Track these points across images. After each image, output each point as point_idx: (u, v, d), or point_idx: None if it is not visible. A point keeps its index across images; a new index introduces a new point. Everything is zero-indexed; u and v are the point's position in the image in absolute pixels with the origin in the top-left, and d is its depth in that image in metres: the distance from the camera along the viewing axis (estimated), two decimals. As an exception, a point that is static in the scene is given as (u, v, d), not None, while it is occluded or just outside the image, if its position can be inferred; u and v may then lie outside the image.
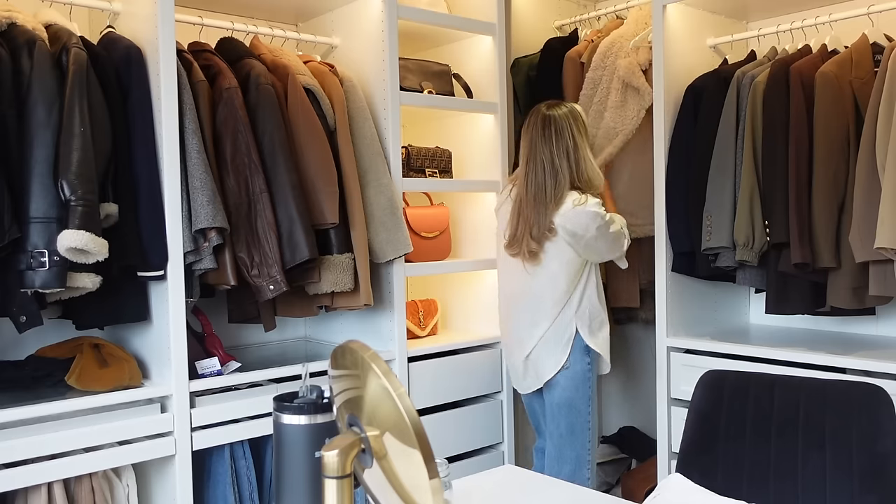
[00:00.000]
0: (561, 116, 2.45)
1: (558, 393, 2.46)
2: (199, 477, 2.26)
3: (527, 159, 2.47)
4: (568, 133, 2.43)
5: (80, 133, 1.89)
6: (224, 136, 2.23)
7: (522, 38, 3.19)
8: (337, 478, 0.87)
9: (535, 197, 2.43)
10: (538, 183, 2.42)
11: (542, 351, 2.47)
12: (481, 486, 1.53)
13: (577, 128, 2.46)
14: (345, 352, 0.91)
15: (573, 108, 2.49)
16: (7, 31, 1.93)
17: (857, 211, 2.20)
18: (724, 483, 1.56)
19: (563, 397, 2.46)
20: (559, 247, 2.42)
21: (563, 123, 2.44)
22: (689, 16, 2.71)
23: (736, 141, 2.50)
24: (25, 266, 1.84)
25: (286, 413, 1.06)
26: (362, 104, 2.54)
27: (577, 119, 2.47)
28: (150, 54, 2.13)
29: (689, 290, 2.71)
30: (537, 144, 2.44)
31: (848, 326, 2.70)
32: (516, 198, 2.50)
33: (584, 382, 2.46)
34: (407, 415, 0.78)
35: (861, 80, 2.28)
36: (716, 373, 1.68)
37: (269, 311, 2.43)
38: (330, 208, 2.34)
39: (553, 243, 2.43)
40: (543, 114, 2.47)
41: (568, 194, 2.41)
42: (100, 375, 2.06)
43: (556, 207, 2.40)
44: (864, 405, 1.50)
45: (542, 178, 2.42)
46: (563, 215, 2.39)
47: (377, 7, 2.60)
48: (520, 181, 2.49)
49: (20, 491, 1.93)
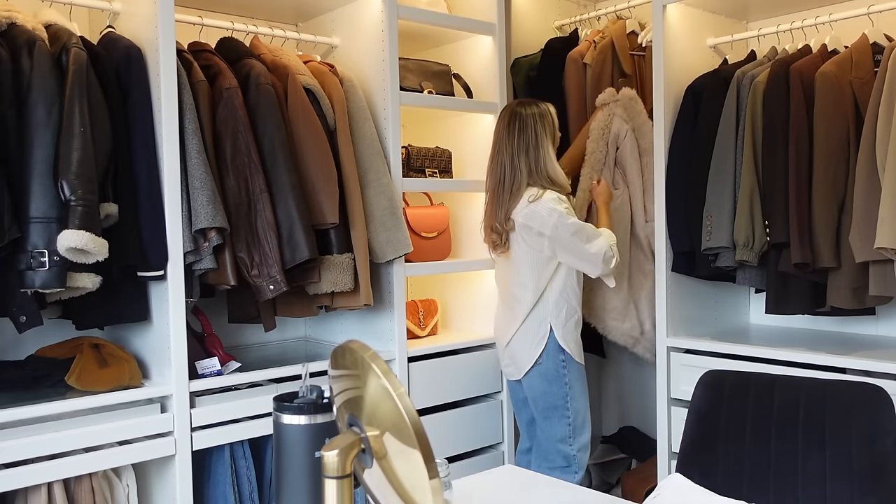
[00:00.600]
0: (528, 114, 2.47)
1: (534, 387, 2.51)
2: (199, 477, 2.25)
3: (491, 154, 2.54)
4: (531, 130, 2.45)
5: (80, 133, 1.89)
6: (224, 136, 2.23)
7: (522, 38, 3.19)
8: (337, 478, 0.87)
9: (495, 190, 2.49)
10: (497, 177, 2.49)
11: (519, 344, 2.52)
12: (481, 486, 1.53)
13: (543, 126, 2.46)
14: (345, 352, 0.91)
15: (543, 109, 2.50)
16: (7, 31, 1.93)
17: (857, 211, 2.20)
18: (724, 483, 1.56)
19: (538, 392, 2.50)
20: (520, 241, 2.48)
21: (529, 120, 2.46)
22: (689, 16, 2.71)
23: (736, 141, 2.50)
24: (25, 266, 1.84)
25: (286, 413, 1.06)
26: (362, 104, 2.54)
27: (543, 118, 2.48)
28: (150, 54, 2.13)
29: (689, 290, 2.71)
30: (502, 139, 2.50)
31: (848, 326, 2.70)
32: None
33: (559, 379, 2.47)
34: (407, 415, 0.78)
35: (861, 80, 2.28)
36: (716, 373, 1.68)
37: (269, 311, 2.43)
38: (330, 208, 2.34)
39: (515, 238, 2.49)
40: (512, 110, 2.51)
41: (526, 190, 2.44)
42: (100, 375, 2.06)
43: (513, 202, 2.45)
44: (864, 405, 1.50)
45: (500, 172, 2.48)
46: (519, 211, 2.44)
47: (377, 7, 2.60)
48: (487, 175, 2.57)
49: (20, 491, 1.93)
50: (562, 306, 2.48)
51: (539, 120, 2.47)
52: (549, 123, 2.49)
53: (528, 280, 2.48)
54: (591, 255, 2.40)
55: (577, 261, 2.44)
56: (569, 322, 2.49)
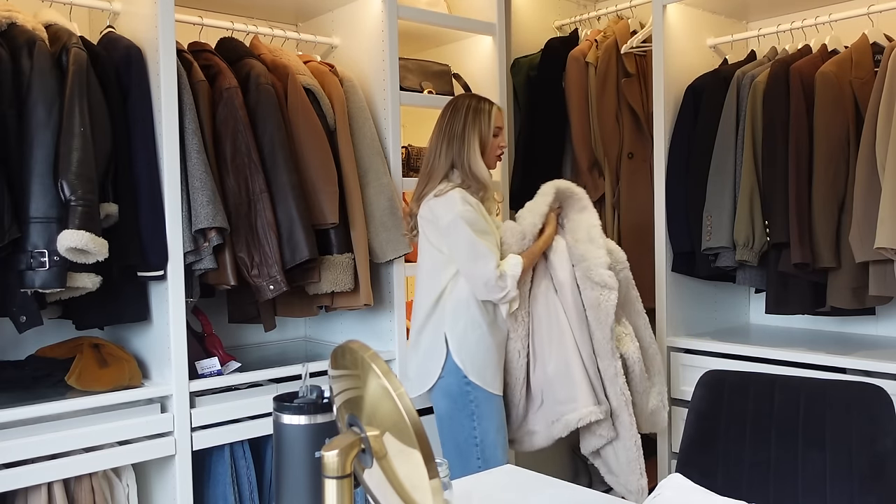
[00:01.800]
0: (462, 105, 2.27)
1: (438, 405, 2.21)
2: (199, 477, 2.25)
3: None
4: (460, 121, 2.25)
5: (80, 133, 1.89)
6: (224, 136, 2.23)
7: (522, 38, 3.19)
8: (337, 478, 0.87)
9: (420, 174, 2.30)
10: (424, 162, 2.31)
11: (421, 356, 2.24)
12: (481, 486, 1.53)
13: (473, 120, 2.25)
14: (345, 352, 0.91)
15: (482, 105, 2.27)
16: (7, 31, 1.93)
17: (857, 211, 2.20)
18: (724, 483, 1.56)
19: (442, 410, 2.20)
20: (423, 235, 2.26)
21: (461, 111, 2.26)
22: (689, 16, 2.71)
23: (736, 141, 2.50)
24: (25, 266, 1.84)
25: (286, 413, 1.06)
26: (362, 104, 2.54)
27: (478, 113, 2.25)
28: (150, 54, 2.13)
29: (689, 290, 2.71)
30: (436, 125, 2.31)
31: (848, 326, 2.70)
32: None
33: (462, 397, 2.15)
34: (407, 415, 0.78)
35: (861, 80, 2.28)
36: (716, 373, 1.68)
37: (269, 311, 2.43)
38: (330, 208, 2.34)
39: (420, 235, 2.28)
40: (453, 99, 2.34)
41: (440, 182, 2.21)
42: (100, 375, 2.06)
43: (427, 190, 2.23)
44: (864, 405, 1.50)
45: (426, 157, 2.29)
46: (425, 202, 2.22)
47: (377, 7, 2.60)
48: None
49: (20, 491, 1.93)
50: (460, 316, 2.15)
51: (471, 113, 2.25)
52: (482, 121, 2.25)
53: (425, 280, 2.23)
54: (472, 274, 2.13)
55: (463, 274, 2.16)
56: (468, 337, 2.14)
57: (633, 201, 2.92)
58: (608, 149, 2.94)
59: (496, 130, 2.29)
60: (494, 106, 2.31)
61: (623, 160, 2.95)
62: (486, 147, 2.27)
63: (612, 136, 2.95)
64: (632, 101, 2.94)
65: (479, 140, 2.26)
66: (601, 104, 2.94)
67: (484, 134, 2.27)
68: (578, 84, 2.95)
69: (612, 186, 2.96)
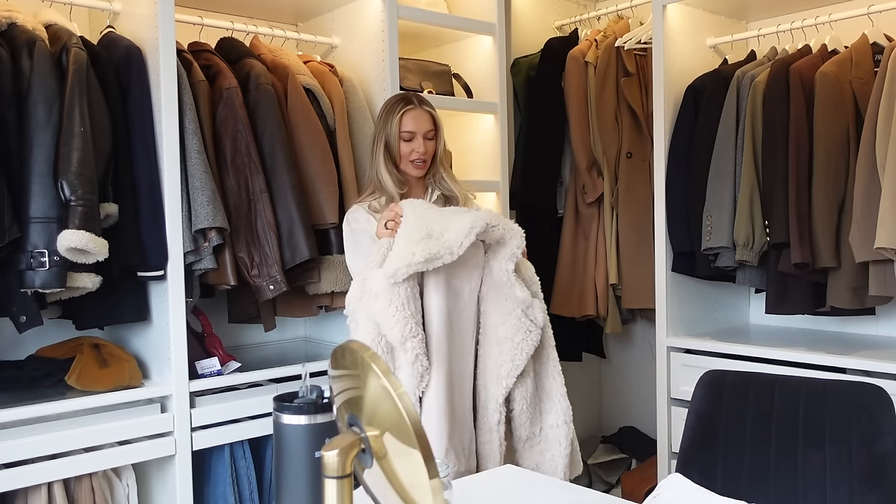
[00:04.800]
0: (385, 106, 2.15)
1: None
2: (199, 477, 2.25)
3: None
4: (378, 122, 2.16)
5: (80, 133, 1.89)
6: (224, 136, 2.24)
7: (522, 38, 3.19)
8: (337, 478, 0.87)
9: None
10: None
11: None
12: (481, 486, 1.53)
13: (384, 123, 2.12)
14: (345, 352, 0.91)
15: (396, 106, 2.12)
16: (7, 31, 1.93)
17: (857, 211, 2.20)
18: (724, 483, 1.56)
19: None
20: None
21: (382, 112, 2.14)
22: (689, 16, 2.71)
23: (736, 141, 2.50)
24: (25, 266, 1.84)
25: (286, 413, 1.06)
26: (362, 104, 2.54)
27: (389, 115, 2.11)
28: (150, 54, 2.13)
29: (689, 290, 2.71)
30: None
31: (848, 326, 2.70)
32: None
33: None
34: (407, 415, 0.78)
35: (861, 80, 2.28)
36: (716, 373, 1.68)
37: (269, 311, 2.43)
38: (330, 208, 2.35)
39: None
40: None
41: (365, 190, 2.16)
42: (100, 375, 2.06)
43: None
44: (864, 405, 1.50)
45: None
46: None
47: (377, 7, 2.60)
48: None
49: (20, 491, 1.93)
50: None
51: (383, 115, 2.13)
52: (390, 123, 2.10)
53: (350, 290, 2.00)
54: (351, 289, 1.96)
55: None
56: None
57: (631, 201, 2.92)
58: (607, 148, 2.94)
59: (407, 135, 2.09)
60: (410, 108, 2.10)
61: (622, 160, 2.95)
62: (392, 152, 2.10)
63: (611, 136, 2.95)
64: (631, 100, 2.94)
65: (385, 144, 2.11)
66: (600, 104, 2.94)
67: (389, 138, 2.10)
68: (578, 83, 2.95)
69: (611, 186, 2.96)
